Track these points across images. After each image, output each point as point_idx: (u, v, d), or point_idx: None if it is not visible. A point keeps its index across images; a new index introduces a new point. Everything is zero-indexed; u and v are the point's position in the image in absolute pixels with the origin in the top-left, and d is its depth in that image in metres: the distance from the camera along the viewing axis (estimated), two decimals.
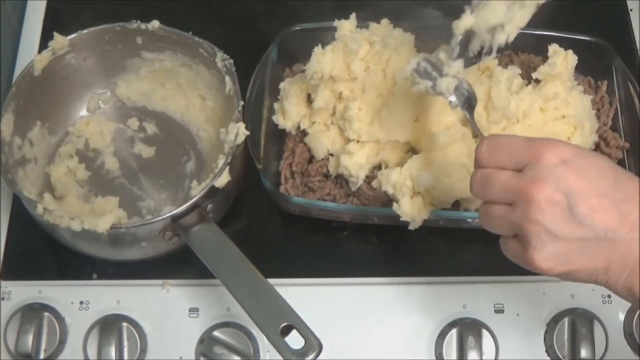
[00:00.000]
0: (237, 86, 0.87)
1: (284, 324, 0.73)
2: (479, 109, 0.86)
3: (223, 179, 0.82)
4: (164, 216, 0.81)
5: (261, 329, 0.74)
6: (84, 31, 0.92)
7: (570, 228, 0.58)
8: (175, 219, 0.81)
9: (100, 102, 0.98)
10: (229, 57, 0.89)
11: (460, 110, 0.75)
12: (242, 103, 0.87)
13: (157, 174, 0.93)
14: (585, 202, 0.58)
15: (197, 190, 0.83)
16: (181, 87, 0.96)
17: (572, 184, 0.58)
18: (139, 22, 0.92)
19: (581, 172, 0.59)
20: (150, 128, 0.96)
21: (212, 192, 0.82)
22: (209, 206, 0.83)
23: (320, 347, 0.72)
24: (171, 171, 0.93)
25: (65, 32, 0.91)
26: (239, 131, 0.84)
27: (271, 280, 0.87)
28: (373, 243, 0.91)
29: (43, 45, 1.03)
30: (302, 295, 0.86)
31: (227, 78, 0.88)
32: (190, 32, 0.92)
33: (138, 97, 0.98)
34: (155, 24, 0.91)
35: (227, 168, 0.83)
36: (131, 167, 0.94)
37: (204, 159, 0.94)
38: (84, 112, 0.97)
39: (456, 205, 0.86)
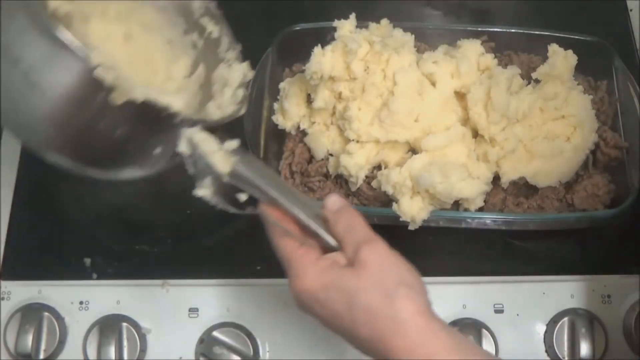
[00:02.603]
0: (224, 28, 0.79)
1: None
2: (479, 109, 0.86)
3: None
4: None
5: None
6: None
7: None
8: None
9: None
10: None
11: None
12: (239, 46, 0.78)
13: None
14: (327, 326, 0.64)
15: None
16: None
17: (312, 313, 0.64)
18: None
19: (320, 310, 0.63)
20: None
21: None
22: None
23: None
24: None
25: None
26: (244, 71, 0.75)
27: (271, 280, 0.87)
28: None
29: None
30: None
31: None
32: None
33: None
34: None
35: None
36: None
37: None
38: None
39: (456, 205, 0.86)
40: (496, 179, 0.87)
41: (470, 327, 0.84)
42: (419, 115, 0.86)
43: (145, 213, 0.92)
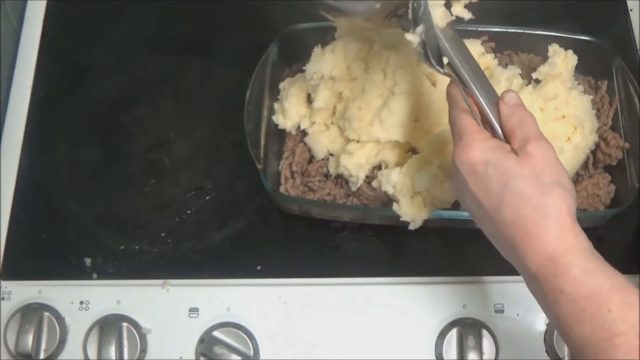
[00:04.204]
0: None
1: None
2: None
3: None
4: None
5: None
6: None
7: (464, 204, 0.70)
8: None
9: None
10: None
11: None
12: None
13: None
14: (471, 204, 0.67)
15: None
16: None
17: (463, 187, 0.67)
18: None
19: (473, 184, 0.66)
20: None
21: None
22: None
23: None
24: None
25: (65, 32, 0.91)
26: None
27: (271, 280, 0.87)
28: (373, 243, 0.91)
29: (43, 45, 1.03)
30: (302, 295, 0.87)
31: None
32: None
33: None
34: None
35: None
36: None
37: None
38: None
39: (456, 205, 0.86)
40: None
41: (470, 327, 0.84)
42: (419, 115, 0.86)
43: (145, 213, 0.92)
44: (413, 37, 0.69)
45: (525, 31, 0.95)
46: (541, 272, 0.61)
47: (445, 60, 0.70)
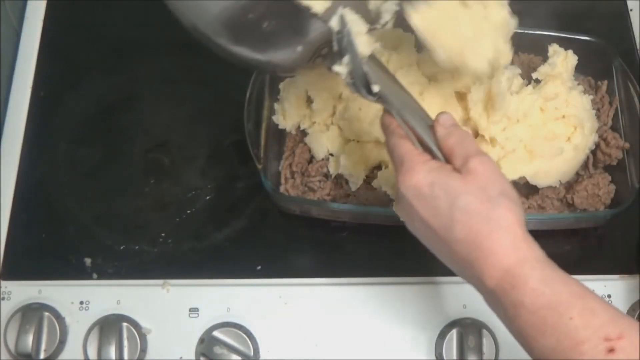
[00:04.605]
0: None
1: None
2: (479, 110, 0.86)
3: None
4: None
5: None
6: None
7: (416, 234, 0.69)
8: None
9: None
10: None
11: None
12: None
13: None
14: (422, 229, 0.67)
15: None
16: None
17: (410, 213, 0.67)
18: None
19: (420, 207, 0.66)
20: None
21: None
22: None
23: None
24: None
25: (65, 32, 0.91)
26: None
27: (271, 280, 0.87)
28: (373, 243, 0.91)
29: (43, 45, 1.03)
30: (302, 295, 0.87)
31: None
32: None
33: None
34: None
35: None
36: None
37: None
38: None
39: None
40: None
41: (470, 327, 0.84)
42: None
43: (145, 213, 0.92)
44: (340, 69, 0.70)
45: (525, 31, 0.95)
46: (499, 286, 0.61)
47: (376, 88, 0.69)
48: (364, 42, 0.70)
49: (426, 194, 0.64)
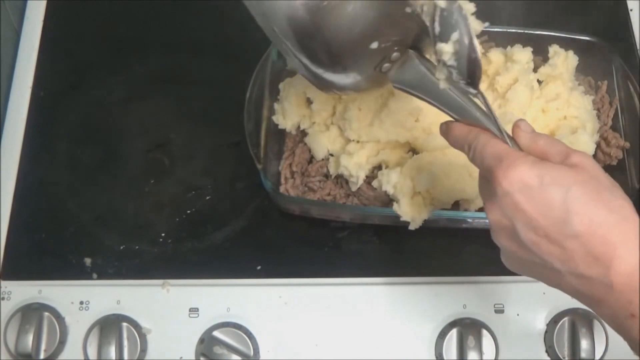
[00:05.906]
0: None
1: None
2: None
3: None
4: None
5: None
6: None
7: (520, 250, 0.61)
8: None
9: None
10: None
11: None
12: None
13: None
14: (528, 231, 0.59)
15: None
16: None
17: (515, 213, 0.60)
18: None
19: (528, 202, 0.59)
20: None
21: None
22: None
23: None
24: None
25: (65, 32, 0.91)
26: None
27: (271, 280, 0.87)
28: (373, 243, 0.91)
29: (43, 45, 1.03)
30: (302, 295, 0.87)
31: None
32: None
33: None
34: None
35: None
36: None
37: None
38: None
39: (456, 205, 0.86)
40: None
41: (470, 327, 0.84)
42: (419, 115, 0.86)
43: (145, 213, 0.92)
44: (447, 47, 0.63)
45: (525, 31, 0.95)
46: (632, 282, 0.55)
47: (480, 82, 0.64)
48: (473, 20, 0.63)
49: (534, 186, 0.58)
